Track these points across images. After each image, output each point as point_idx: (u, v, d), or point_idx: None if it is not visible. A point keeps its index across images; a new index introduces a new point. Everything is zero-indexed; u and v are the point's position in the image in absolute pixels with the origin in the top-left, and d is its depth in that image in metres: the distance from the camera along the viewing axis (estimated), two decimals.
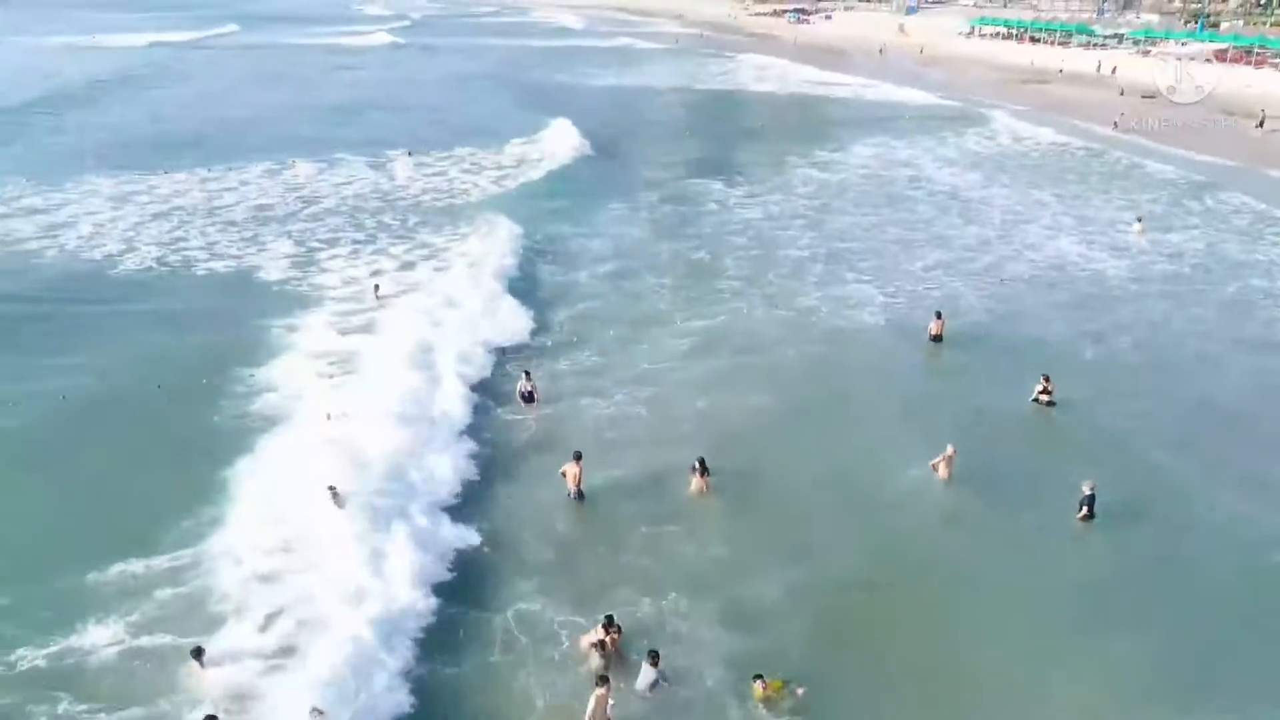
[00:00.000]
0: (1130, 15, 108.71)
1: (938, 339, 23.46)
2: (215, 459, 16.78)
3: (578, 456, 16.40)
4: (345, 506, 15.25)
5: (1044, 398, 20.27)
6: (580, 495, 16.30)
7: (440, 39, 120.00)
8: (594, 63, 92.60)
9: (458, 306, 24.79)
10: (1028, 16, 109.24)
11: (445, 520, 15.31)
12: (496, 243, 30.72)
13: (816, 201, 38.45)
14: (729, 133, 55.01)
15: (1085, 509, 15.86)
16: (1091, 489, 15.89)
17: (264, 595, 13.42)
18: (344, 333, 23.30)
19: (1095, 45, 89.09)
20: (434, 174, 42.25)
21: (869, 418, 19.63)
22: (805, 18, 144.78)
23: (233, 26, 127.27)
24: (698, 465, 16.48)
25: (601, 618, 12.66)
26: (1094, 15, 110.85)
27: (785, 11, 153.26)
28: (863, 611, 13.63)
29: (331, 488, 15.43)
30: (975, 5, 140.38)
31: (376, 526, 14.78)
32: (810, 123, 59.53)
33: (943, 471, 16.81)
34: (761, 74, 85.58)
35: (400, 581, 13.59)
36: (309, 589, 13.49)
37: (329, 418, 18.19)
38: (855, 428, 19.20)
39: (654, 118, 61.66)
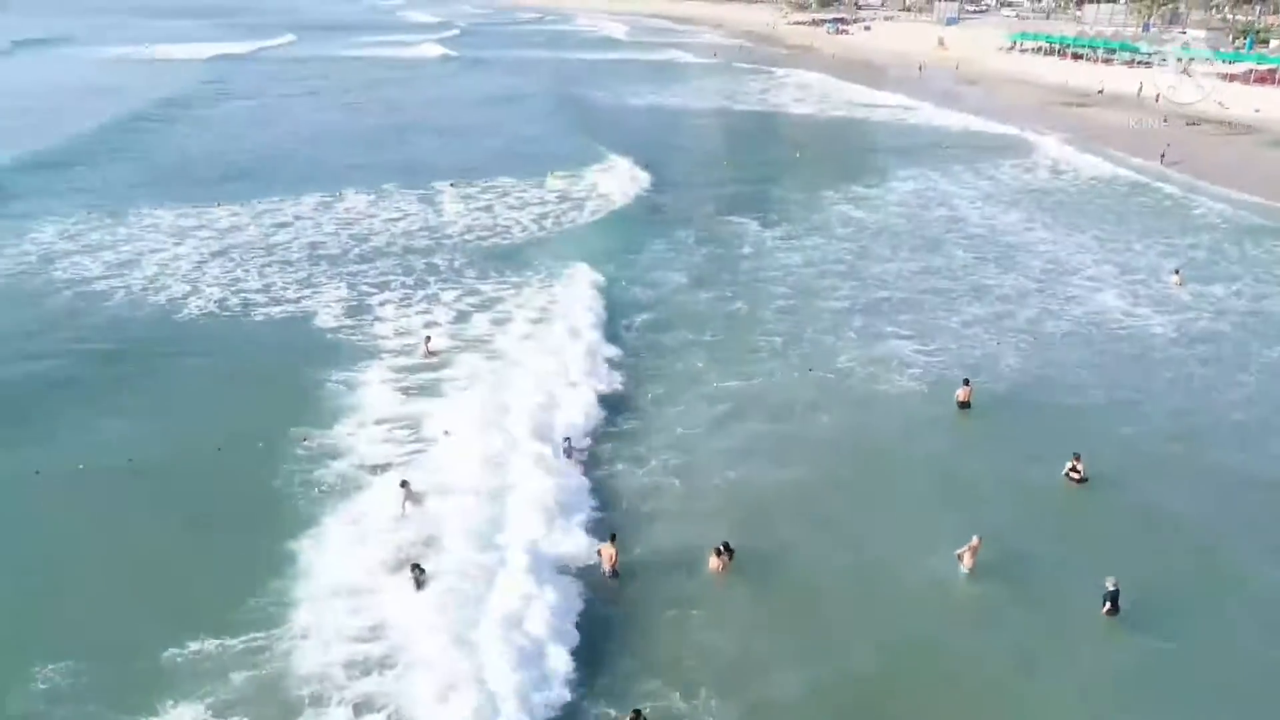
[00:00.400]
0: (1176, 31, 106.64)
1: (965, 405, 23.82)
2: (281, 531, 17.50)
3: (613, 537, 17.34)
4: (426, 588, 15.68)
5: (1074, 475, 20.53)
6: (615, 574, 17.09)
7: (487, 50, 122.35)
8: (636, 79, 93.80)
9: (520, 366, 25.31)
10: (1070, 31, 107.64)
11: (521, 603, 15.54)
12: (546, 297, 31.21)
13: (855, 245, 38.79)
14: (767, 163, 55.41)
15: (1109, 604, 16.14)
16: (1114, 585, 16.16)
17: (347, 684, 13.85)
18: (403, 392, 23.87)
19: (1139, 63, 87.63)
20: (479, 208, 43.31)
21: (896, 496, 20.09)
22: (844, 28, 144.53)
23: (289, 37, 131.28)
24: (722, 548, 17.16)
25: (630, 712, 13.29)
26: (1139, 31, 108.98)
27: (824, 21, 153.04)
28: (885, 713, 14.15)
29: (415, 566, 16.00)
30: (1018, 17, 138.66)
31: (461, 611, 15.05)
32: (848, 151, 59.80)
33: (967, 561, 17.21)
34: (800, 93, 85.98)
35: (491, 674, 13.86)
36: (397, 679, 13.88)
37: (403, 484, 18.51)
38: (882, 507, 19.63)
39: (693, 144, 62.37)
